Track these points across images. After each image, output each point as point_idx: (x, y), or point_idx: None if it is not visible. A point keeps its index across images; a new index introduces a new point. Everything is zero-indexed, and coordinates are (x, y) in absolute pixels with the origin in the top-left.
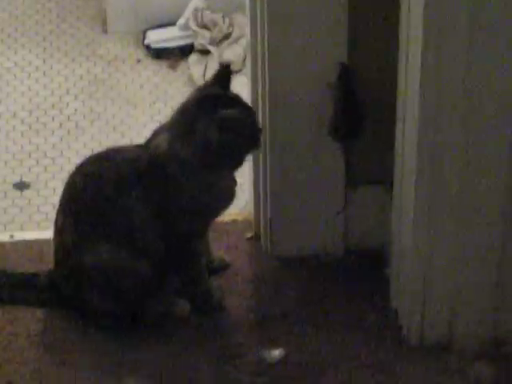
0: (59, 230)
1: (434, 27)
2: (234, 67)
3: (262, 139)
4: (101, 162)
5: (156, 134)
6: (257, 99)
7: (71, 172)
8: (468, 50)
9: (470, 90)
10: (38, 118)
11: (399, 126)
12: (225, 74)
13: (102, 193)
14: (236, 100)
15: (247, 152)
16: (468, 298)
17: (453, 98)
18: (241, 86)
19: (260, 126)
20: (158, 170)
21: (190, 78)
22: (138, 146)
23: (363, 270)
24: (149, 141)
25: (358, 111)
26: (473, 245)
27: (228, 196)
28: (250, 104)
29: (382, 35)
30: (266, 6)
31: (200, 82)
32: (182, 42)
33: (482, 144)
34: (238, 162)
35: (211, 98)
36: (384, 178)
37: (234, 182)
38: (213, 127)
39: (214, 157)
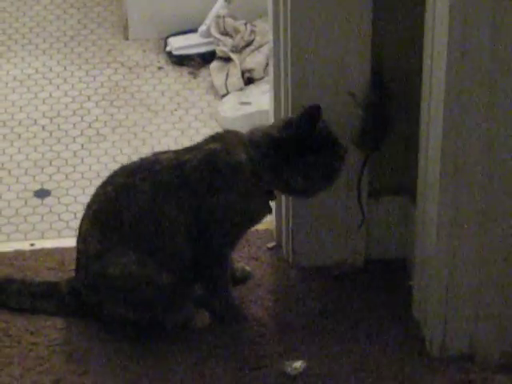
0: (83, 238)
1: (457, 40)
2: (255, 75)
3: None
4: (133, 174)
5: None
6: (279, 107)
7: (103, 181)
8: (492, 61)
9: (494, 101)
10: (58, 125)
11: (422, 135)
12: (312, 115)
13: (134, 203)
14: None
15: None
16: (490, 309)
17: (477, 108)
18: (263, 94)
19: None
20: (210, 172)
21: (212, 86)
22: (179, 152)
23: (385, 280)
24: (207, 142)
25: (387, 120)
26: (496, 256)
27: (266, 209)
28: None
29: (407, 45)
30: (288, 12)
31: (222, 89)
32: (203, 49)
33: (507, 153)
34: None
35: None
36: (407, 189)
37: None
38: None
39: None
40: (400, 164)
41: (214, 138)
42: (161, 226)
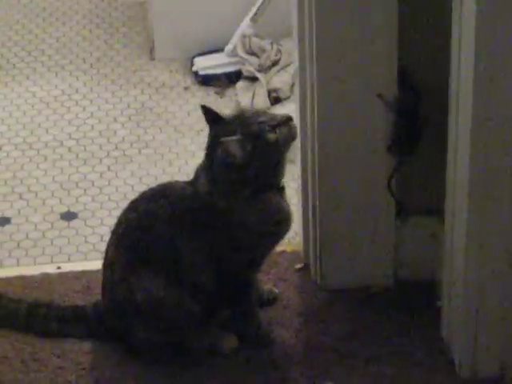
0: (110, 263)
1: (485, 40)
2: (282, 94)
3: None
4: (155, 200)
5: (197, 173)
6: (305, 127)
7: (126, 207)
8: None
9: None
10: (85, 147)
11: (451, 153)
12: (209, 113)
13: (156, 231)
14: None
15: (274, 160)
16: None
17: (507, 121)
18: (289, 113)
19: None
20: (207, 209)
21: (238, 105)
22: (189, 183)
23: (414, 301)
24: (194, 179)
25: (419, 121)
26: None
27: (281, 220)
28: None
29: (435, 43)
30: (314, 31)
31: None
32: (229, 69)
33: None
34: (274, 174)
35: (213, 133)
36: (436, 209)
37: (286, 205)
38: (218, 152)
39: (241, 179)
40: (429, 183)
41: (197, 172)
42: (180, 255)
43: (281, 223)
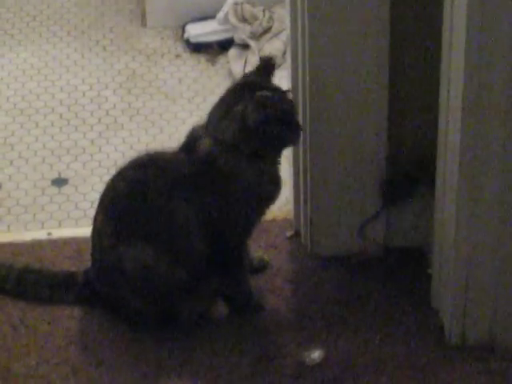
0: (98, 230)
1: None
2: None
3: (300, 136)
4: (145, 169)
5: (195, 134)
6: (297, 94)
7: (113, 175)
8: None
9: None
10: (76, 114)
11: (442, 125)
12: (267, 66)
13: (147, 200)
14: (276, 88)
15: (286, 142)
16: (510, 298)
17: (499, 92)
18: (280, 81)
19: (299, 121)
20: (206, 169)
21: (230, 73)
22: (179, 150)
23: (404, 269)
24: (188, 143)
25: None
26: None
27: (276, 187)
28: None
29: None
30: None
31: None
32: (221, 36)
33: None
34: (276, 150)
35: (248, 84)
36: (426, 177)
37: (277, 175)
38: (250, 107)
39: (254, 139)
40: (419, 152)
41: (194, 134)
42: (172, 224)
43: (273, 189)
